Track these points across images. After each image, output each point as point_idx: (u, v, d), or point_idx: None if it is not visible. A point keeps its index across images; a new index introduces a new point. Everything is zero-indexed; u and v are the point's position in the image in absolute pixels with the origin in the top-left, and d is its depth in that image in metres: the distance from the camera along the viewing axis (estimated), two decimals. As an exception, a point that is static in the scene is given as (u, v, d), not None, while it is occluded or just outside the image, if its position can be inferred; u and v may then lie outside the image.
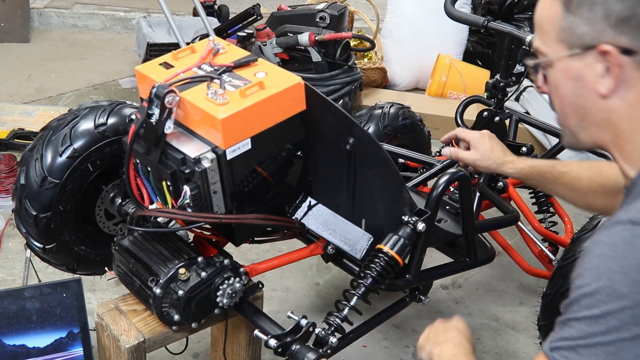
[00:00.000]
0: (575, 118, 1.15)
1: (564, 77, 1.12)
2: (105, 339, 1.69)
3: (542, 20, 1.14)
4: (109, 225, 1.86)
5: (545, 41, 1.14)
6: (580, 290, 0.99)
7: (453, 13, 2.34)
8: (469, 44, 4.48)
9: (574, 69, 1.10)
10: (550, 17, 1.12)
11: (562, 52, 1.11)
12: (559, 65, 1.12)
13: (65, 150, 1.68)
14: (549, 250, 2.44)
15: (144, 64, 1.65)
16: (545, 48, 1.14)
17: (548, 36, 1.13)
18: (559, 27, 1.10)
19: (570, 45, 1.10)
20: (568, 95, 1.13)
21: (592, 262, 1.00)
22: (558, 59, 1.12)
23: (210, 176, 1.44)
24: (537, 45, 1.17)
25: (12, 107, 3.83)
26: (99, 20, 5.27)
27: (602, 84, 1.08)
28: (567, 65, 1.11)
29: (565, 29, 1.09)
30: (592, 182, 1.64)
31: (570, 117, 1.16)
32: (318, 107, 1.57)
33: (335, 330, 1.57)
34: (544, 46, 1.15)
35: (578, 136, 1.17)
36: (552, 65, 1.14)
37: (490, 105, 2.36)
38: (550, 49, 1.13)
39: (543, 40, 1.15)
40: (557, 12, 1.10)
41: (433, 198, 1.69)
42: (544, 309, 2.05)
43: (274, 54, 3.51)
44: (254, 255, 2.66)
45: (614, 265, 0.97)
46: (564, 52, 1.11)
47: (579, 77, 1.10)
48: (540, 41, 1.15)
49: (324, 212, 1.68)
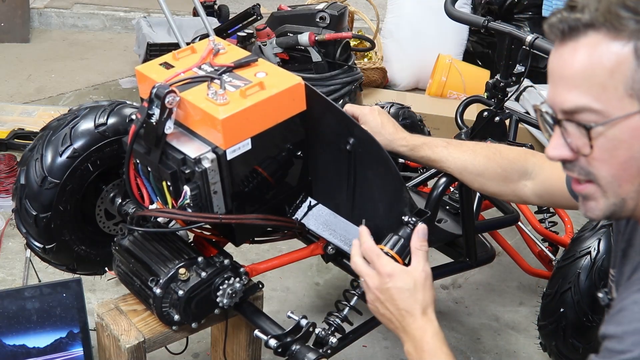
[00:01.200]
0: (636, 183, 0.99)
1: (632, 137, 0.96)
2: (105, 339, 1.69)
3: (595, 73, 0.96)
4: (109, 225, 1.86)
5: (601, 97, 0.96)
6: (620, 355, 0.93)
7: (453, 13, 2.35)
8: (469, 44, 4.48)
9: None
10: (612, 69, 0.94)
11: (632, 109, 0.95)
12: (625, 125, 0.96)
13: (65, 150, 1.68)
14: (549, 250, 2.45)
15: (144, 64, 1.65)
16: (602, 106, 0.96)
17: (608, 91, 0.95)
18: (630, 79, 0.94)
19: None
20: (634, 157, 0.97)
21: (634, 326, 0.93)
22: (626, 117, 0.95)
23: (211, 176, 1.44)
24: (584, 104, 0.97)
25: (12, 107, 3.83)
26: (99, 20, 5.27)
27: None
28: (638, 123, 0.95)
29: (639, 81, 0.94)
30: (490, 162, 1.56)
31: (629, 183, 0.99)
32: (318, 107, 1.57)
33: (335, 330, 1.57)
34: (599, 104, 0.96)
35: (627, 203, 1.02)
36: (612, 126, 0.96)
37: (490, 105, 2.36)
38: (610, 106, 0.95)
39: (597, 96, 0.96)
40: (625, 62, 0.94)
41: (433, 198, 1.69)
42: (544, 309, 2.05)
43: (274, 54, 3.51)
44: (254, 255, 2.66)
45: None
46: (635, 108, 0.95)
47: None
48: (592, 98, 0.96)
49: (324, 212, 1.68)
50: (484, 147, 1.63)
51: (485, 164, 1.58)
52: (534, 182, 1.55)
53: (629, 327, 0.94)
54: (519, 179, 1.57)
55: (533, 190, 1.56)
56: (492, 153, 1.59)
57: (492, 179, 1.59)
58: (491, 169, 1.58)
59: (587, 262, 1.95)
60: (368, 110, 1.68)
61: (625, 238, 1.21)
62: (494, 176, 1.58)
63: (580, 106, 0.97)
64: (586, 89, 0.97)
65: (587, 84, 0.96)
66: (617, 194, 1.01)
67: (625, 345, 0.93)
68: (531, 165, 1.55)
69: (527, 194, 1.57)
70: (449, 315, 2.58)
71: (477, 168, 1.59)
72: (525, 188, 1.57)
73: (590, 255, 1.95)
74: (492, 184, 1.59)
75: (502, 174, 1.57)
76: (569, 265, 1.98)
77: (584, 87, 0.97)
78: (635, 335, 0.93)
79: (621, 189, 1.01)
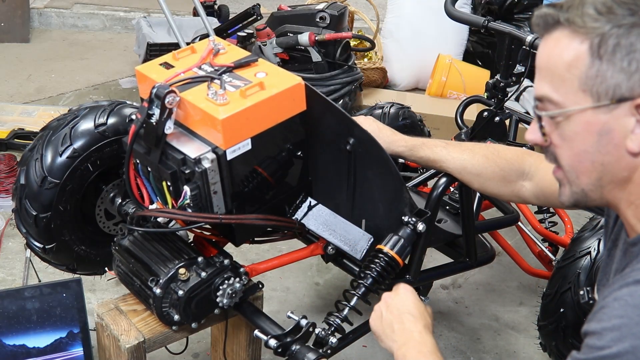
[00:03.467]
0: (592, 176, 1.03)
1: (585, 131, 1.00)
2: (105, 339, 1.69)
3: (556, 66, 1.01)
4: (109, 225, 1.86)
5: (559, 89, 1.01)
6: (599, 351, 0.94)
7: (453, 13, 2.35)
8: (469, 44, 4.48)
9: (599, 122, 0.98)
10: (569, 63, 0.99)
11: (585, 104, 0.99)
12: (579, 118, 1.00)
13: (65, 150, 1.68)
14: (549, 251, 2.45)
15: (144, 64, 1.65)
16: (560, 97, 1.01)
17: (565, 84, 1.00)
18: (583, 75, 0.98)
19: (597, 96, 0.98)
20: (587, 151, 1.01)
21: (612, 323, 0.94)
22: (580, 110, 0.99)
23: (211, 176, 1.44)
24: (546, 94, 1.03)
25: (12, 107, 3.83)
26: (99, 20, 5.27)
27: (633, 140, 0.98)
28: (590, 118, 0.99)
29: (592, 78, 0.97)
30: (489, 162, 1.57)
31: (586, 176, 1.04)
32: (318, 107, 1.57)
33: (335, 331, 1.57)
34: (557, 95, 1.01)
35: (589, 194, 1.06)
36: (569, 118, 1.01)
37: (490, 105, 2.36)
38: (567, 99, 1.00)
39: (556, 87, 1.01)
40: (582, 58, 0.98)
41: (433, 198, 1.69)
42: (544, 309, 2.05)
43: (274, 54, 3.51)
44: (254, 255, 2.66)
45: (637, 330, 0.92)
46: (587, 103, 0.99)
47: (605, 131, 0.99)
48: (552, 89, 1.02)
49: (324, 212, 1.68)
50: (482, 147, 1.64)
51: (484, 163, 1.59)
52: (532, 182, 1.56)
53: (608, 324, 0.95)
54: (517, 179, 1.57)
55: (530, 190, 1.56)
56: (491, 153, 1.60)
57: (490, 179, 1.59)
58: (490, 168, 1.58)
59: (587, 262, 1.95)
60: (363, 118, 1.70)
61: (612, 238, 1.22)
62: (492, 176, 1.58)
63: (542, 95, 1.03)
64: (549, 80, 1.02)
65: (550, 75, 1.02)
66: (577, 184, 1.06)
67: (604, 342, 0.94)
68: (528, 166, 1.56)
69: (526, 194, 1.58)
70: (449, 315, 2.58)
71: (476, 168, 1.59)
72: (523, 188, 1.57)
73: (590, 256, 1.95)
74: (491, 183, 1.59)
75: (501, 174, 1.57)
76: (569, 265, 1.98)
77: (547, 78, 1.03)
78: (614, 331, 0.93)
79: (579, 180, 1.05)
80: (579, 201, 1.09)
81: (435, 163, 1.64)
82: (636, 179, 1.02)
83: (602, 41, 0.97)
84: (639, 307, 0.93)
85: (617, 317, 0.94)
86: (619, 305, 0.95)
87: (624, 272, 1.03)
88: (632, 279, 0.97)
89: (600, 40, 0.97)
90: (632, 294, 0.95)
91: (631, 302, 0.94)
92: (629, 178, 1.02)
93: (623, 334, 0.92)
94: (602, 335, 0.95)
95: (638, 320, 0.92)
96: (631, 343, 0.91)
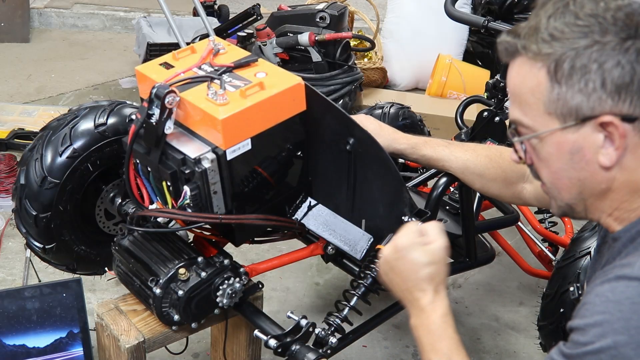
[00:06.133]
0: (572, 192, 1.07)
1: (558, 151, 1.03)
2: (105, 339, 1.69)
3: (522, 92, 1.04)
4: (109, 225, 1.86)
5: (528, 114, 1.04)
6: (583, 347, 0.96)
7: (453, 13, 2.35)
8: (469, 44, 4.48)
9: (568, 142, 1.02)
10: (532, 89, 1.02)
11: (552, 126, 1.02)
12: (550, 140, 1.03)
13: (65, 150, 1.68)
14: (549, 251, 2.45)
15: (144, 64, 1.65)
16: (530, 121, 1.04)
17: (532, 109, 1.03)
18: (546, 99, 1.01)
19: (563, 117, 1.01)
20: (563, 169, 1.05)
21: (595, 319, 0.96)
22: (549, 133, 1.02)
23: (211, 176, 1.44)
24: (517, 118, 1.06)
25: (12, 107, 3.83)
26: (99, 20, 5.27)
27: (604, 155, 1.00)
28: (560, 139, 1.02)
29: (554, 101, 1.00)
30: (492, 162, 1.57)
31: (566, 191, 1.07)
32: (318, 108, 1.57)
33: (335, 331, 1.57)
34: (527, 119, 1.04)
35: (574, 208, 1.10)
36: (542, 140, 1.04)
37: (490, 105, 2.36)
38: (536, 122, 1.04)
39: (525, 112, 1.04)
40: (542, 83, 1.01)
41: (433, 198, 1.69)
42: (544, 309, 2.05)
43: (274, 54, 3.52)
44: (254, 255, 2.66)
45: (618, 326, 0.93)
46: (555, 125, 1.02)
47: (576, 150, 1.02)
48: (521, 113, 1.05)
49: (324, 212, 1.68)
50: (485, 148, 1.64)
51: (486, 164, 1.58)
52: (532, 184, 1.56)
53: (590, 320, 0.97)
54: (518, 181, 1.57)
55: (531, 192, 1.57)
56: (493, 154, 1.60)
57: (493, 180, 1.59)
58: (492, 169, 1.58)
59: (587, 263, 1.95)
60: (364, 117, 1.70)
61: (601, 235, 1.23)
62: (494, 177, 1.58)
63: (514, 119, 1.07)
64: (518, 105, 1.06)
65: (518, 101, 1.05)
66: (560, 199, 1.10)
67: (588, 338, 0.96)
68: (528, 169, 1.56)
69: (527, 196, 1.58)
70: (449, 315, 2.58)
71: (478, 168, 1.59)
72: (524, 190, 1.57)
73: (590, 256, 1.95)
74: (493, 184, 1.59)
75: (503, 175, 1.57)
76: (569, 265, 1.98)
77: (516, 103, 1.06)
78: (597, 327, 0.95)
79: (561, 195, 1.09)
80: (566, 213, 1.13)
81: (437, 162, 1.64)
82: (615, 188, 1.04)
83: (558, 65, 0.99)
84: (620, 302, 0.95)
85: (599, 313, 0.96)
86: (601, 302, 0.97)
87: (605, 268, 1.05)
88: (613, 274, 0.98)
89: (555, 65, 0.99)
90: (613, 290, 0.96)
91: (612, 298, 0.96)
92: (607, 189, 1.04)
93: (605, 330, 0.94)
94: (585, 332, 0.96)
95: (619, 315, 0.94)
96: (613, 339, 0.93)
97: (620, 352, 0.92)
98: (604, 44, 0.97)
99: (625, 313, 0.94)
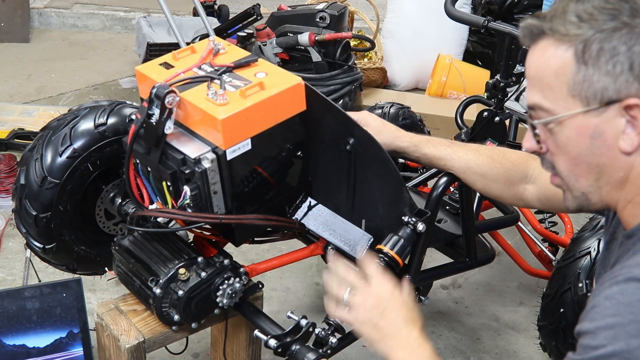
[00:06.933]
0: (590, 178, 1.06)
1: (578, 135, 1.03)
2: (105, 339, 1.69)
3: (545, 74, 1.04)
4: (109, 225, 1.86)
5: (549, 97, 1.04)
6: (594, 351, 0.94)
7: (453, 13, 2.35)
8: (469, 44, 4.48)
9: (590, 125, 1.01)
10: (557, 71, 1.02)
11: (575, 109, 1.02)
12: (571, 123, 1.03)
13: (65, 150, 1.68)
14: (549, 251, 2.45)
15: (144, 64, 1.65)
16: (551, 105, 1.04)
17: (554, 91, 1.03)
18: (571, 81, 1.01)
19: (587, 100, 1.00)
20: (582, 154, 1.04)
21: (606, 322, 0.95)
22: (571, 116, 1.02)
23: (211, 176, 1.44)
24: (537, 102, 1.06)
25: (12, 107, 3.83)
26: (99, 20, 5.27)
27: (625, 140, 1.00)
28: (581, 123, 1.02)
29: (580, 83, 1.00)
30: (494, 162, 1.57)
31: (584, 178, 1.06)
32: (318, 108, 1.57)
33: (335, 330, 1.57)
34: (548, 103, 1.04)
35: (590, 197, 1.08)
36: (561, 124, 1.04)
37: (490, 105, 2.36)
38: (558, 106, 1.03)
39: (546, 95, 1.04)
40: (568, 65, 1.01)
41: (433, 198, 1.69)
42: (544, 309, 2.05)
43: (274, 54, 3.51)
44: (254, 255, 2.66)
45: (631, 329, 0.92)
46: (577, 108, 1.01)
47: (597, 134, 1.01)
48: (542, 97, 1.05)
49: (324, 212, 1.68)
50: (487, 148, 1.64)
51: (489, 164, 1.58)
52: (535, 186, 1.56)
53: (601, 323, 0.95)
54: (520, 182, 1.57)
55: (534, 194, 1.56)
56: (496, 154, 1.59)
57: (495, 180, 1.58)
58: (494, 169, 1.58)
59: (587, 262, 1.95)
60: (367, 114, 1.69)
61: (610, 231, 1.22)
62: (496, 177, 1.58)
63: (534, 103, 1.06)
64: (539, 89, 1.05)
65: (539, 84, 1.05)
66: (577, 188, 1.08)
67: (599, 341, 0.94)
68: (532, 169, 1.55)
69: (529, 198, 1.57)
70: (449, 315, 2.58)
71: (480, 168, 1.59)
72: (526, 192, 1.57)
73: (590, 256, 1.95)
74: (494, 185, 1.59)
75: (505, 176, 1.57)
76: (569, 265, 1.98)
77: (537, 87, 1.06)
78: (608, 330, 0.94)
79: (578, 183, 1.08)
80: (582, 205, 1.11)
81: (439, 161, 1.63)
82: (632, 178, 1.03)
83: (586, 47, 0.99)
84: (631, 305, 0.94)
85: (610, 315, 0.95)
86: (611, 304, 0.96)
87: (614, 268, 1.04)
88: (623, 276, 0.97)
89: (584, 46, 1.00)
90: (623, 292, 0.95)
91: (622, 300, 0.95)
92: (625, 178, 1.04)
93: (617, 332, 0.93)
94: (596, 335, 0.95)
95: (631, 318, 0.93)
96: (626, 342, 0.92)
97: (633, 356, 0.91)
98: (633, 26, 0.97)
99: (637, 315, 0.93)
